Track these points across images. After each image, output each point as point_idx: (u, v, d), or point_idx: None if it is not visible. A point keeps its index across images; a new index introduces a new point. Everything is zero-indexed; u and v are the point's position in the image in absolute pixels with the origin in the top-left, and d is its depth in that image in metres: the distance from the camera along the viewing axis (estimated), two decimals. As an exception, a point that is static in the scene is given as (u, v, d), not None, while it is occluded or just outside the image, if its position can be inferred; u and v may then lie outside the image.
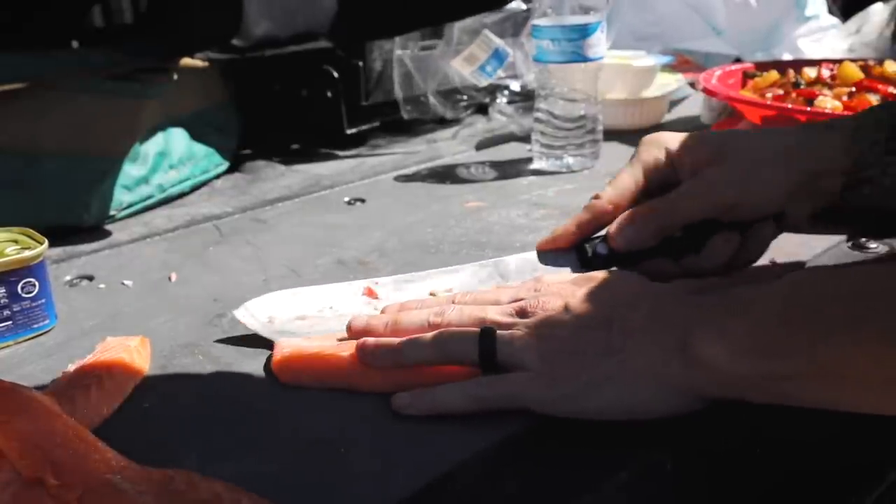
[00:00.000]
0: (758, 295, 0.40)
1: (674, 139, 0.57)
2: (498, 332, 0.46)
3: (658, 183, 0.57)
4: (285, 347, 0.51)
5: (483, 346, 0.45)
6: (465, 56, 1.04)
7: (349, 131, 1.07)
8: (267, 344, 0.54)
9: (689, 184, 0.54)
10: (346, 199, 0.87)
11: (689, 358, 0.40)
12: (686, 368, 0.40)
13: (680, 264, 0.55)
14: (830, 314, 0.35)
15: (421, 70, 1.10)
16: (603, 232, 0.57)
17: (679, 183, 0.55)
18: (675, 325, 0.41)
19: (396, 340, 0.47)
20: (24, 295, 0.56)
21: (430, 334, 0.47)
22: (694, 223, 0.54)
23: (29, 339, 0.57)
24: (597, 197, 0.57)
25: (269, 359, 0.52)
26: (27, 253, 0.56)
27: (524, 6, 1.06)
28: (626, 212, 0.55)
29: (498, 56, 1.03)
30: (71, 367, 0.51)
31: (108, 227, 0.83)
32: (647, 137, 0.58)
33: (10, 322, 0.56)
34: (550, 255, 0.58)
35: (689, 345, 0.40)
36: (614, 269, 0.51)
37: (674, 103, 1.24)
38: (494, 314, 0.48)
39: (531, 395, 0.43)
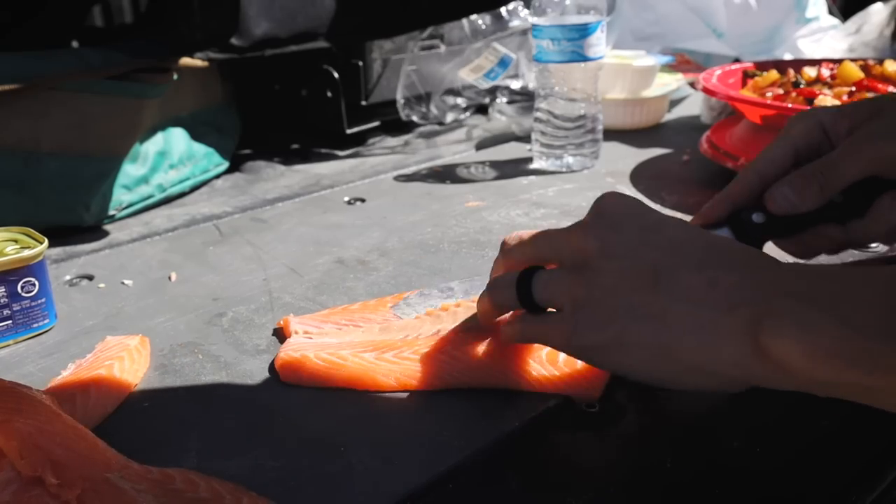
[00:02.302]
0: (855, 285, 0.34)
1: (825, 110, 0.52)
2: (537, 272, 0.44)
3: (810, 155, 0.52)
4: (289, 346, 0.51)
5: (520, 287, 0.44)
6: (472, 67, 1.05)
7: (349, 131, 1.07)
8: (267, 343, 0.54)
9: (848, 141, 0.49)
10: (346, 198, 0.87)
11: (753, 348, 0.35)
12: (744, 358, 0.35)
13: (846, 232, 0.50)
14: None
15: (421, 71, 1.10)
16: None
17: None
18: (740, 303, 0.36)
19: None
20: (23, 294, 0.56)
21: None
22: (857, 185, 0.49)
23: (29, 338, 0.57)
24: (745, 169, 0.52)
25: (270, 358, 0.52)
26: (27, 252, 0.56)
27: (529, 22, 1.06)
28: (786, 176, 0.50)
29: (503, 63, 1.03)
30: (71, 367, 0.51)
31: (108, 226, 0.83)
32: (797, 114, 0.54)
33: (9, 321, 0.56)
34: None
35: (757, 333, 0.34)
36: (684, 220, 0.45)
37: (674, 103, 1.24)
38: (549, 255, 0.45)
39: (555, 338, 0.42)
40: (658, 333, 0.38)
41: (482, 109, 1.21)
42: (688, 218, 0.51)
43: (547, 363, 0.47)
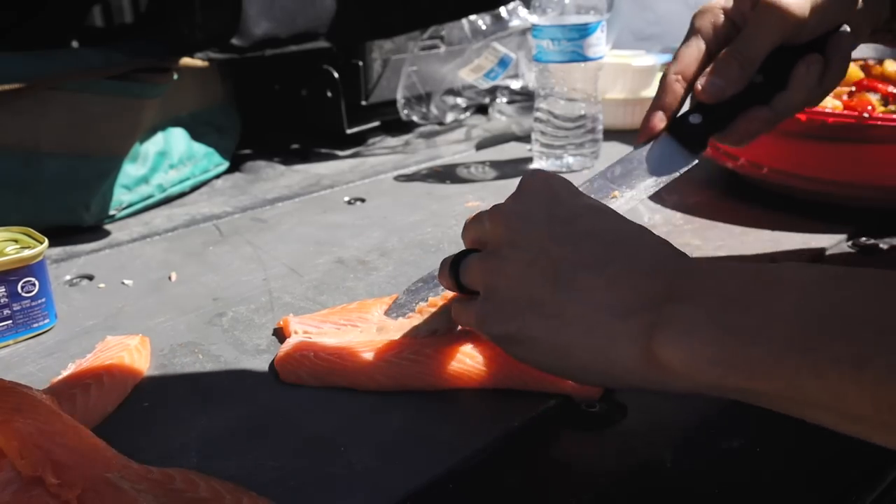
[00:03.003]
0: (742, 292, 0.34)
1: (725, 1, 0.55)
2: (466, 256, 0.45)
3: (721, 44, 0.55)
4: (289, 346, 0.51)
5: (451, 270, 0.46)
6: (472, 67, 1.05)
7: (349, 131, 1.07)
8: (267, 343, 0.54)
9: (753, 16, 0.53)
10: (346, 198, 0.87)
11: (643, 354, 0.35)
12: (636, 363, 0.36)
13: (773, 108, 0.54)
14: (828, 343, 0.30)
15: (421, 71, 1.10)
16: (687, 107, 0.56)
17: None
18: (634, 309, 0.36)
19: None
20: (23, 294, 0.56)
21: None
22: (772, 59, 0.52)
23: (29, 338, 0.57)
24: (665, 74, 0.56)
25: (270, 358, 0.52)
26: (27, 252, 0.56)
27: (528, 22, 1.07)
28: (707, 68, 0.54)
29: (503, 63, 1.04)
30: (71, 367, 0.51)
31: (108, 226, 0.83)
32: (698, 10, 0.56)
33: (9, 321, 0.56)
34: (652, 152, 0.55)
35: (648, 339, 0.35)
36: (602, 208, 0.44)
37: (674, 103, 1.24)
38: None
39: (472, 323, 0.44)
40: (556, 333, 0.39)
41: (482, 109, 1.21)
42: (690, 218, 0.52)
43: (547, 363, 0.47)
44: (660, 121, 0.55)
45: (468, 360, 0.48)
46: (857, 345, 0.29)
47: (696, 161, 0.55)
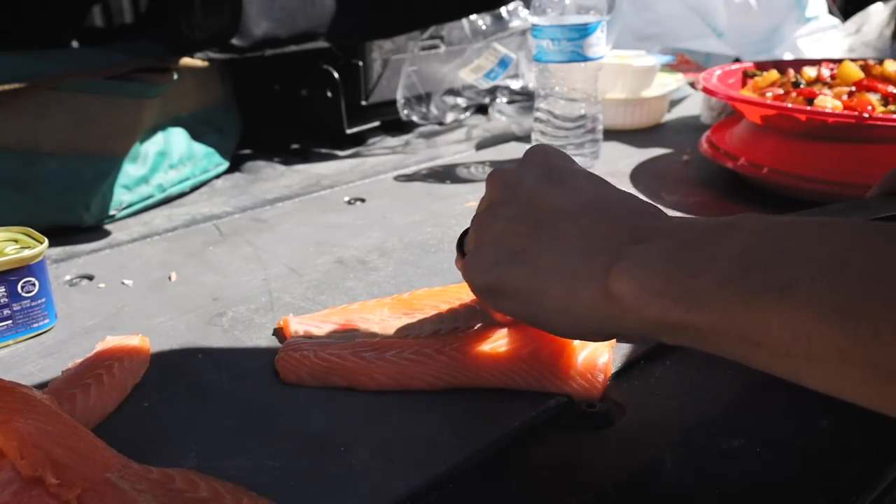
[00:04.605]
0: (698, 235, 0.36)
1: None
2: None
3: None
4: (289, 346, 0.51)
5: (458, 243, 0.49)
6: (472, 67, 1.05)
7: (349, 131, 1.07)
8: (267, 343, 0.54)
9: None
10: (346, 198, 0.87)
11: (602, 292, 0.37)
12: (597, 302, 0.37)
13: None
14: (761, 276, 0.31)
15: (421, 71, 1.10)
16: None
17: None
18: (599, 251, 0.38)
19: None
20: (23, 294, 0.56)
21: None
22: None
23: (29, 338, 0.57)
24: None
25: (270, 358, 0.52)
26: (27, 252, 0.56)
27: (529, 22, 1.07)
28: None
29: (503, 63, 1.04)
30: (71, 367, 0.51)
31: (108, 226, 0.83)
32: None
33: (9, 321, 0.56)
34: None
35: (606, 277, 0.37)
36: (595, 175, 0.46)
37: (674, 103, 1.24)
38: None
39: (464, 277, 0.45)
40: (531, 278, 0.40)
41: (482, 109, 1.21)
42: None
43: (547, 363, 0.47)
44: None
45: (468, 360, 0.48)
46: (785, 276, 0.31)
47: None
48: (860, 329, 0.28)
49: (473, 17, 1.09)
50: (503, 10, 1.09)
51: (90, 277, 0.68)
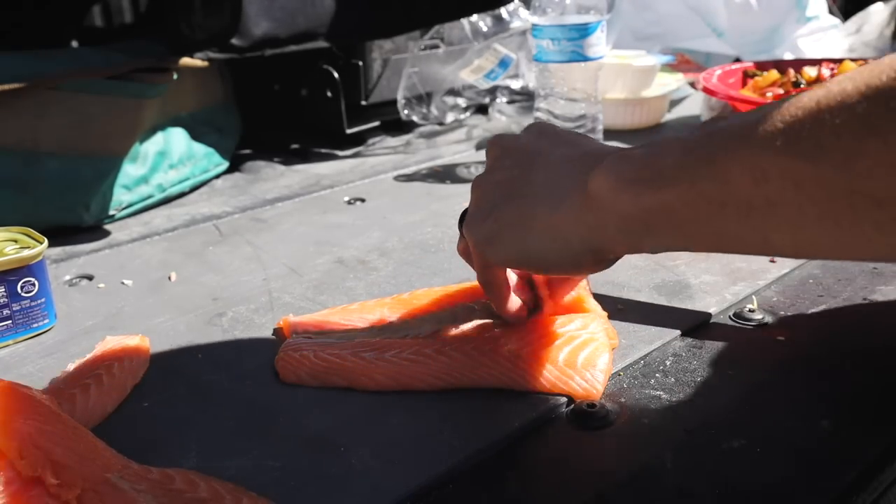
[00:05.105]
0: (671, 138, 0.38)
1: None
2: None
3: None
4: (289, 346, 0.51)
5: (460, 220, 0.50)
6: (473, 68, 1.05)
7: (349, 131, 1.07)
8: (267, 343, 0.54)
9: None
10: (346, 198, 0.87)
11: (584, 198, 0.39)
12: (579, 210, 0.40)
13: None
14: (725, 139, 0.34)
15: (421, 71, 1.10)
16: None
17: None
18: (583, 168, 0.40)
19: None
20: (23, 294, 0.56)
21: None
22: None
23: (28, 338, 0.57)
24: None
25: (270, 358, 0.52)
26: (27, 252, 0.56)
27: (529, 22, 1.07)
28: None
29: (504, 64, 1.04)
30: (70, 367, 0.51)
31: (108, 226, 0.83)
32: None
33: (9, 321, 0.56)
34: None
35: (586, 183, 0.39)
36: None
37: (674, 103, 1.24)
38: None
39: (465, 234, 0.47)
40: (522, 206, 0.42)
41: (482, 109, 1.21)
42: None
43: (547, 363, 0.47)
44: None
45: (468, 360, 0.48)
46: (742, 128, 0.33)
47: None
48: (807, 147, 0.30)
49: (474, 17, 1.09)
50: (504, 11, 1.09)
51: (90, 277, 0.68)
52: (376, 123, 1.12)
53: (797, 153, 0.30)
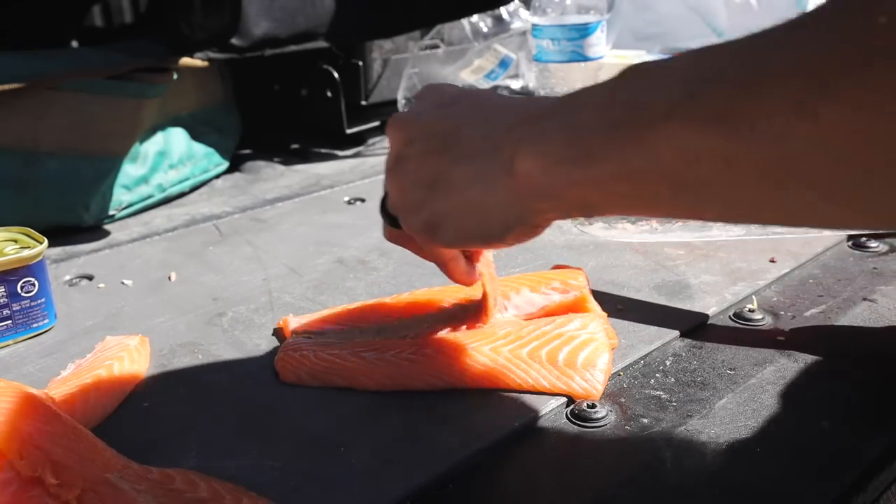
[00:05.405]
0: (585, 97, 0.37)
1: None
2: None
3: None
4: (289, 346, 0.51)
5: (382, 209, 0.48)
6: (473, 68, 1.05)
7: (349, 131, 1.07)
8: (267, 343, 0.54)
9: None
10: (346, 198, 0.87)
11: (512, 180, 0.38)
12: (510, 193, 0.38)
13: None
14: (642, 111, 0.32)
15: (422, 72, 1.10)
16: None
17: None
18: (503, 145, 0.39)
19: None
20: (23, 294, 0.56)
21: None
22: None
23: (28, 338, 0.57)
24: None
25: (270, 358, 0.52)
26: (27, 252, 0.56)
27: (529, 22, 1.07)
28: None
29: (504, 64, 1.04)
30: (70, 367, 0.51)
31: (108, 226, 0.83)
32: None
33: (9, 321, 0.56)
34: None
35: (513, 164, 0.38)
36: (487, 89, 0.48)
37: (674, 103, 1.24)
38: None
39: (406, 228, 0.45)
40: (452, 196, 0.41)
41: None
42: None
43: (547, 363, 0.47)
44: None
45: (468, 360, 0.48)
46: (667, 102, 0.31)
47: None
48: (740, 129, 0.29)
49: (475, 18, 1.09)
50: (504, 12, 1.09)
51: (90, 277, 0.68)
52: (376, 123, 1.12)
53: (728, 133, 0.29)
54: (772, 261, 0.62)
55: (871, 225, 0.31)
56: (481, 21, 1.09)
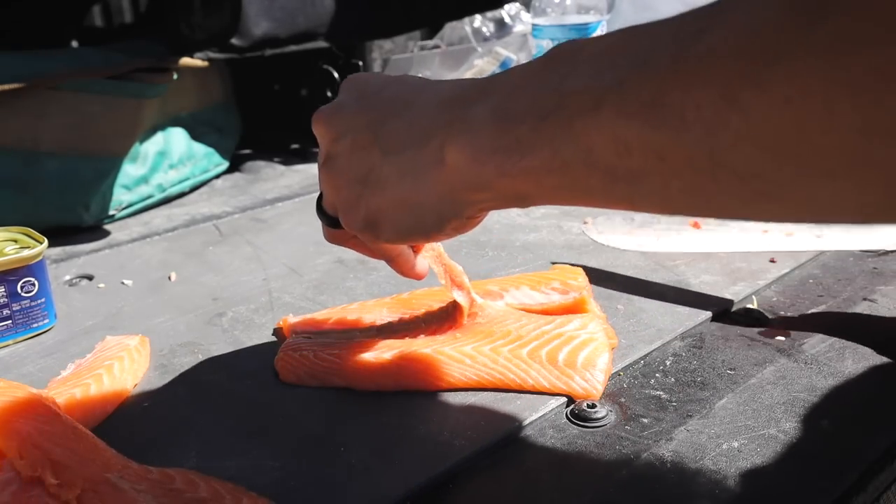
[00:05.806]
0: (515, 81, 0.35)
1: None
2: None
3: None
4: (289, 346, 0.51)
5: (318, 208, 0.48)
6: (474, 70, 1.05)
7: (349, 131, 1.07)
8: (267, 343, 0.54)
9: None
10: (346, 198, 0.87)
11: (444, 170, 0.37)
12: (443, 185, 0.37)
13: None
14: (573, 100, 0.31)
15: (423, 73, 1.10)
16: None
17: None
18: (430, 134, 0.38)
19: None
20: (23, 294, 0.56)
21: None
22: None
23: (28, 338, 0.57)
24: None
25: (270, 358, 0.52)
26: (27, 252, 0.56)
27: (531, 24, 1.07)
28: None
29: (505, 65, 1.04)
30: (71, 367, 0.51)
31: (108, 226, 0.83)
32: None
33: (9, 321, 0.56)
34: None
35: (443, 154, 0.37)
36: (412, 75, 0.46)
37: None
38: None
39: (347, 227, 0.44)
40: (384, 190, 0.40)
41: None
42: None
43: (547, 363, 0.47)
44: None
45: (468, 360, 0.48)
46: (597, 90, 0.30)
47: None
48: (668, 119, 0.28)
49: (477, 23, 1.09)
50: (506, 15, 1.09)
51: (90, 277, 0.68)
52: (376, 123, 1.12)
53: (658, 125, 0.28)
54: (772, 261, 0.62)
55: (804, 219, 0.30)
56: (483, 26, 1.10)
